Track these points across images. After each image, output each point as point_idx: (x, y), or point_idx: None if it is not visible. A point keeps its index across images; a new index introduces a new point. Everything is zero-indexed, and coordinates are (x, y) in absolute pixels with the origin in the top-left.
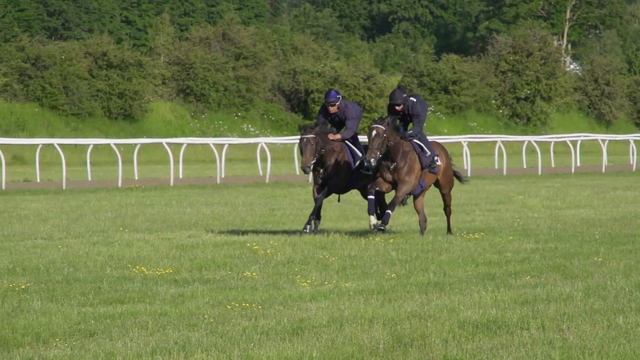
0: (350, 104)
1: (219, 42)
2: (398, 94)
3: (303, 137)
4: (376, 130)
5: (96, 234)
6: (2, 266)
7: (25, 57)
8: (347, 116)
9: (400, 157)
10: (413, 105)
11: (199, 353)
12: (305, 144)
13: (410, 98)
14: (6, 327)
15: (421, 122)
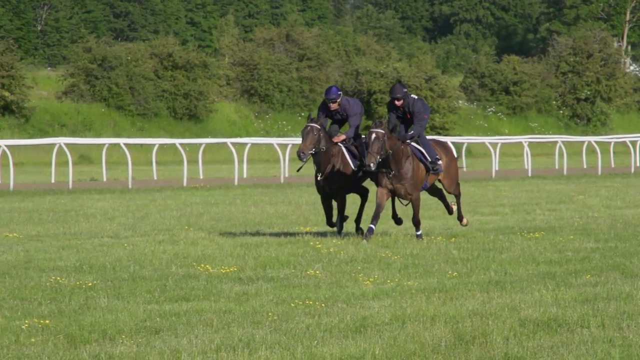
0: (352, 99)
1: (283, 44)
2: (398, 88)
3: (307, 125)
4: (375, 134)
5: (162, 233)
6: (69, 264)
7: (92, 58)
8: (349, 113)
9: (403, 165)
10: (414, 103)
11: (263, 350)
12: (308, 132)
13: (412, 95)
14: (73, 324)
15: (422, 122)
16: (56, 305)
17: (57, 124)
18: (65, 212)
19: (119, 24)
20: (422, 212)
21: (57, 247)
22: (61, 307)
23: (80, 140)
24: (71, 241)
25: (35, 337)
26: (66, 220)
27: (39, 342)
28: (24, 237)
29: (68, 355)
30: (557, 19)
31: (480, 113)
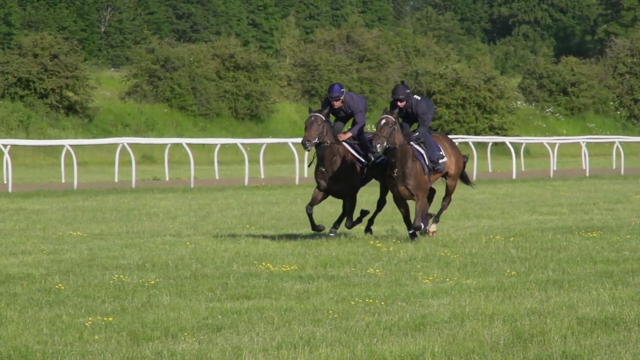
0: (356, 96)
1: (343, 45)
2: (401, 89)
3: (312, 114)
4: (386, 119)
5: (223, 231)
6: (132, 262)
7: (154, 58)
8: (353, 110)
9: (408, 165)
10: (417, 104)
11: (324, 348)
12: (312, 122)
13: (414, 96)
14: (136, 322)
15: (426, 122)
16: (119, 302)
17: (120, 124)
18: (129, 210)
19: (182, 26)
20: (482, 211)
21: (120, 246)
22: (124, 305)
23: (143, 140)
24: (134, 240)
25: (99, 334)
26: (129, 219)
27: (102, 339)
28: (87, 236)
29: (131, 352)
30: (614, 21)
31: (538, 114)
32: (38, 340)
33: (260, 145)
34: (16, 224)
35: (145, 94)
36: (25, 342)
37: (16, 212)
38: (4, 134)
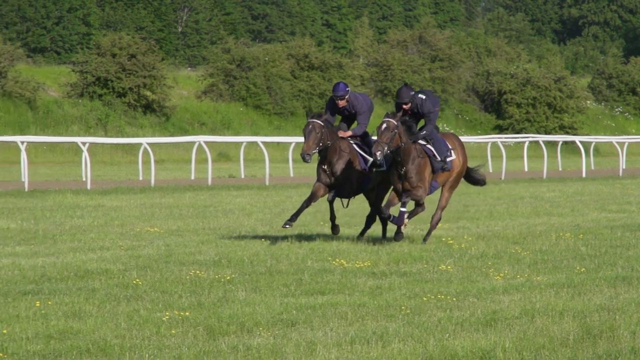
0: (361, 95)
1: (416, 45)
2: (405, 92)
3: (309, 122)
4: (387, 123)
5: (297, 228)
6: (208, 258)
7: (230, 58)
8: (357, 110)
9: (411, 162)
10: (422, 103)
11: (396, 343)
12: (310, 130)
13: (419, 95)
14: (212, 317)
15: (433, 119)
16: (196, 298)
17: (196, 122)
18: (205, 207)
19: (257, 26)
20: (552, 209)
21: (196, 242)
22: (201, 300)
23: (219, 138)
24: (210, 236)
25: (176, 328)
26: (205, 215)
27: (179, 333)
28: (164, 232)
29: (207, 347)
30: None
31: (607, 113)
32: (116, 334)
33: None
34: (95, 220)
35: (221, 93)
36: (103, 336)
37: (95, 209)
38: (83, 132)
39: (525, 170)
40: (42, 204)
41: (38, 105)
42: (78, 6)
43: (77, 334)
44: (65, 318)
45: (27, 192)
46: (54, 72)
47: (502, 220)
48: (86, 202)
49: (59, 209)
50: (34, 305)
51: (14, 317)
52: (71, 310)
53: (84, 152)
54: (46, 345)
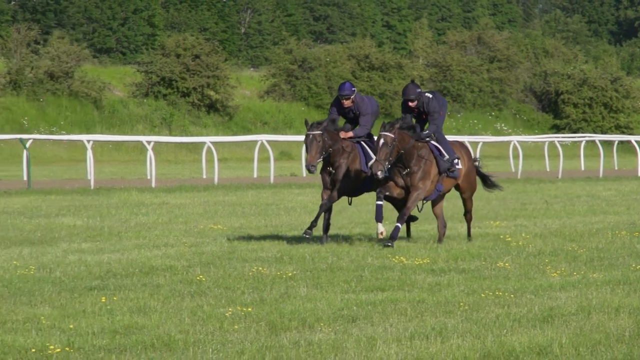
0: (367, 98)
1: (475, 46)
2: (411, 89)
3: (309, 134)
4: (384, 138)
5: (358, 226)
6: (270, 255)
7: (292, 59)
8: (361, 112)
9: (415, 161)
10: (429, 102)
11: (455, 338)
12: (311, 141)
13: (426, 94)
14: (274, 312)
15: (438, 120)
16: (258, 294)
17: (259, 121)
18: (267, 205)
19: (319, 27)
20: (608, 207)
21: (259, 239)
22: (263, 296)
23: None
24: (272, 233)
25: (239, 323)
26: (267, 213)
27: (241, 328)
28: (227, 229)
29: (269, 342)
30: None
31: None
32: (180, 329)
33: None
34: (159, 217)
35: (283, 93)
36: (168, 331)
37: (159, 206)
38: (148, 131)
39: (582, 169)
40: (107, 201)
41: (104, 104)
42: (143, 7)
43: (142, 329)
44: (130, 313)
45: (93, 190)
46: (120, 72)
47: (559, 218)
48: (151, 199)
49: (124, 207)
50: (100, 300)
51: (80, 313)
52: (136, 306)
53: (149, 151)
54: (111, 339)
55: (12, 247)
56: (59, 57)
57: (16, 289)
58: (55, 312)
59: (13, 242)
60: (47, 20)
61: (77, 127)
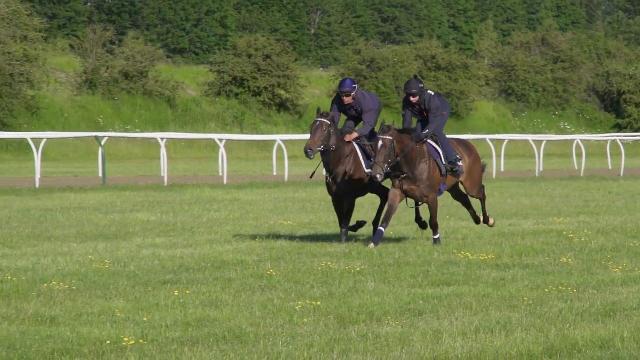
0: (368, 94)
1: (539, 47)
2: (414, 83)
3: (317, 120)
4: (382, 141)
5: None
6: (339, 250)
7: (361, 59)
8: (363, 108)
9: (417, 166)
10: (430, 100)
11: (519, 332)
12: (317, 128)
13: (429, 92)
14: (343, 306)
15: (439, 119)
16: (327, 288)
17: None
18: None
19: (386, 28)
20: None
21: (328, 235)
22: (332, 290)
23: None
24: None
25: (308, 317)
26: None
27: (311, 322)
28: (297, 225)
29: (338, 335)
30: None
31: None
32: (251, 322)
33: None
34: (231, 213)
35: None
36: (239, 324)
37: (231, 203)
38: (220, 129)
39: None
40: (180, 197)
41: (177, 103)
42: (216, 9)
43: (214, 322)
44: (202, 307)
45: (166, 187)
46: (193, 72)
47: (621, 215)
48: (222, 196)
49: (197, 203)
50: (173, 294)
51: (153, 306)
52: (208, 299)
53: (221, 149)
54: (184, 332)
55: (88, 242)
56: (134, 57)
57: (92, 282)
58: (130, 305)
59: (89, 237)
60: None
61: (151, 125)
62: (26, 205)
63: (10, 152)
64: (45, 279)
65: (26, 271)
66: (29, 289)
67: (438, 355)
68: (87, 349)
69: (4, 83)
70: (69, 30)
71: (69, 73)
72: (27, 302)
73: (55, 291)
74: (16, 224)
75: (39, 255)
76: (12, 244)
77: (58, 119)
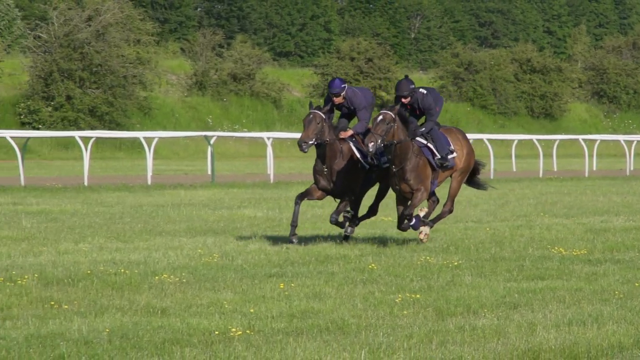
0: (360, 90)
1: (630, 50)
2: (404, 85)
3: (310, 113)
4: (383, 115)
5: (519, 218)
6: (437, 245)
7: (459, 62)
8: (355, 106)
9: (408, 161)
10: (423, 98)
11: (610, 325)
12: (310, 120)
13: (420, 90)
14: (441, 299)
15: (434, 116)
16: (426, 281)
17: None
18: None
19: (483, 33)
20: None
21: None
22: (430, 283)
23: None
24: (439, 225)
25: (407, 309)
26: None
27: (410, 314)
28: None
29: (436, 326)
30: None
31: None
32: (353, 314)
33: (553, 141)
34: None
35: (450, 94)
36: (341, 315)
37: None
38: None
39: None
40: (286, 194)
41: (283, 104)
42: (320, 14)
43: (318, 314)
44: (306, 299)
45: (272, 184)
46: (298, 74)
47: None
48: None
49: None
50: (279, 287)
51: (260, 298)
52: (312, 292)
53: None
54: (289, 323)
55: (197, 237)
56: (242, 60)
57: (201, 275)
58: (237, 297)
59: (198, 231)
60: (230, 26)
61: (258, 125)
62: (138, 201)
63: (123, 150)
64: (157, 272)
65: (138, 264)
66: (141, 281)
67: (532, 347)
68: (196, 338)
69: (117, 84)
70: (180, 34)
71: (180, 75)
72: (139, 293)
73: (166, 283)
74: (129, 219)
75: (150, 249)
76: (125, 238)
77: (169, 119)
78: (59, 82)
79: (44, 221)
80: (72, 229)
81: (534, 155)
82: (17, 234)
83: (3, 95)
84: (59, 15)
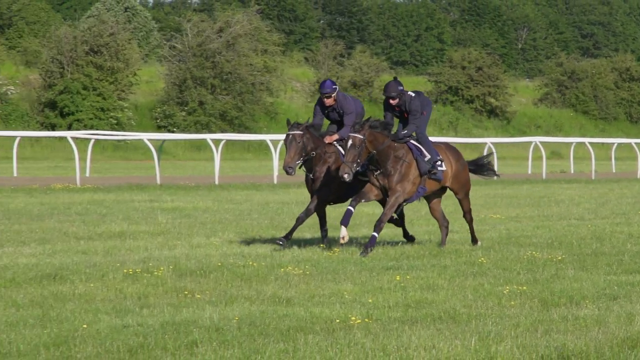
0: (351, 97)
1: None
2: (392, 86)
3: (289, 134)
4: (352, 140)
5: (619, 216)
6: (542, 241)
7: (562, 71)
8: (344, 110)
9: (391, 162)
10: (410, 101)
11: None
12: (290, 141)
13: (409, 93)
14: (545, 291)
15: (419, 120)
16: (532, 274)
17: (533, 125)
18: (540, 198)
19: (585, 43)
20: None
21: (532, 227)
22: (536, 276)
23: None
24: (544, 222)
25: (514, 300)
26: (540, 204)
27: (517, 304)
28: (505, 218)
29: (541, 316)
30: None
31: None
32: (464, 304)
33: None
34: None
35: (555, 101)
36: (453, 305)
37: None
38: (437, 132)
39: None
40: None
41: None
42: (434, 26)
43: (431, 304)
44: (421, 290)
45: None
46: (413, 82)
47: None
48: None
49: None
50: (395, 279)
51: (377, 289)
52: (426, 284)
53: None
54: (405, 312)
55: (319, 232)
56: (361, 68)
57: (323, 268)
58: (357, 288)
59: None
60: (350, 37)
61: None
62: (265, 199)
63: (251, 151)
64: (282, 265)
65: (265, 257)
66: (268, 273)
67: (631, 335)
68: (319, 326)
69: (246, 91)
70: (304, 44)
71: (304, 82)
72: (266, 284)
73: (290, 275)
74: (256, 216)
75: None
76: (253, 233)
77: None
78: (192, 88)
79: (178, 217)
80: (204, 225)
81: (632, 158)
82: (154, 228)
83: (141, 100)
84: (192, 27)
